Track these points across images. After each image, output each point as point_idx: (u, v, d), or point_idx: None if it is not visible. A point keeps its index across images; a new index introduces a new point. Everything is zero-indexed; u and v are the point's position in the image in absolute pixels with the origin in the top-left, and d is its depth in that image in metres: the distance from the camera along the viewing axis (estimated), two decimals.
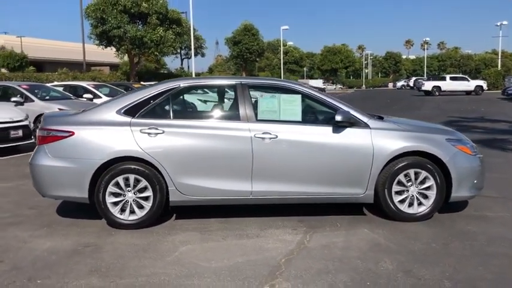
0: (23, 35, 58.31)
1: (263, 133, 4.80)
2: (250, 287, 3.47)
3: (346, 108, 4.97)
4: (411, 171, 4.90)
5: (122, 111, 4.85)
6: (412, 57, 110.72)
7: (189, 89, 5.24)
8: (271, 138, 4.80)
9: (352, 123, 4.91)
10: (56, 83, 18.41)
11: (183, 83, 5.08)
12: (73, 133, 4.76)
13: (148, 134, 4.74)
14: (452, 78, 41.08)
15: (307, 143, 4.84)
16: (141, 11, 27.54)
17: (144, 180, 4.75)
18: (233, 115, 4.97)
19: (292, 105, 5.00)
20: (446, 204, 5.14)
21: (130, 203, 4.79)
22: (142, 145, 4.72)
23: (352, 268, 3.78)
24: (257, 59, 52.84)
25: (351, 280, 3.56)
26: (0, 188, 6.62)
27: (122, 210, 4.79)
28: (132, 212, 4.80)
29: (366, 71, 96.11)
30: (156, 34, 28.12)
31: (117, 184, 4.74)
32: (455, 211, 5.33)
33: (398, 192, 4.94)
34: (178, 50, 44.91)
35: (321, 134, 4.87)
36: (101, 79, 27.95)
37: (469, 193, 5.07)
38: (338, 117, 4.78)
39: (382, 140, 4.89)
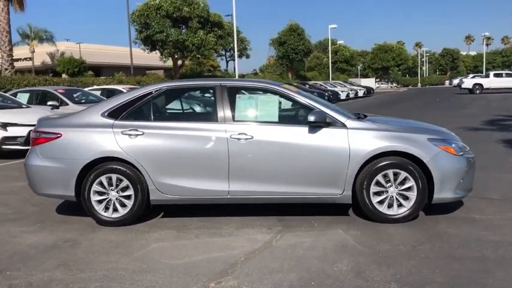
0: (81, 42, 61.05)
1: (239, 134, 4.88)
2: (197, 283, 3.57)
3: (322, 109, 4.95)
4: (390, 172, 4.81)
5: (106, 113, 5.09)
6: (473, 53, 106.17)
7: (171, 92, 5.41)
8: (246, 139, 4.87)
9: (329, 123, 4.88)
10: (95, 87, 19.27)
11: (165, 86, 5.26)
12: (61, 135, 5.05)
13: (129, 135, 4.95)
14: (496, 75, 38.88)
15: (283, 143, 4.87)
16: (182, 15, 28.28)
17: (125, 179, 4.96)
18: (211, 116, 5.09)
19: (270, 106, 5.05)
20: (432, 206, 5.02)
21: (114, 202, 5.01)
22: (123, 146, 4.93)
23: (306, 268, 3.79)
24: (303, 59, 52.59)
25: (297, 280, 3.57)
26: (15, 187, 7.08)
27: (106, 208, 5.03)
28: (115, 210, 5.02)
29: (423, 68, 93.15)
30: (197, 37, 28.76)
31: (100, 183, 4.98)
32: (443, 213, 5.16)
33: (377, 193, 4.86)
34: (223, 52, 45.64)
35: (297, 134, 4.88)
36: (145, 83, 28.88)
37: (454, 195, 4.90)
38: (310, 118, 4.78)
39: (359, 140, 4.83)
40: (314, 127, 4.87)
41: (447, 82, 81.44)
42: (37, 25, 54.70)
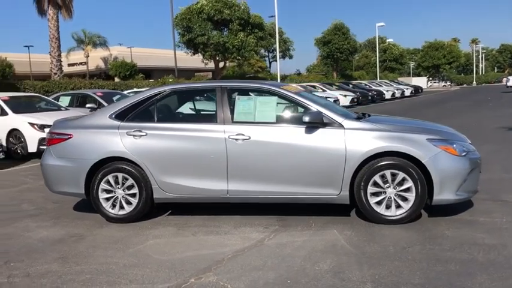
0: (132, 46, 62.97)
1: (237, 134, 4.99)
2: (178, 278, 3.70)
3: (319, 109, 4.97)
4: (387, 173, 4.77)
5: (113, 115, 5.34)
6: None
7: (174, 94, 5.59)
8: (244, 139, 4.97)
9: (326, 123, 4.90)
10: (135, 89, 19.97)
11: (169, 88, 5.46)
12: (72, 136, 5.36)
13: (134, 136, 5.18)
14: None
15: (280, 143, 4.93)
16: (223, 18, 28.73)
17: (130, 178, 5.19)
18: (211, 118, 5.23)
19: (268, 106, 5.12)
20: (438, 208, 4.94)
21: (120, 199, 5.25)
22: (128, 146, 5.16)
23: (287, 266, 3.84)
24: (349, 58, 51.91)
25: (275, 277, 3.63)
26: (40, 186, 7.49)
27: (113, 205, 5.28)
28: (121, 207, 5.26)
29: (480, 65, 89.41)
30: (237, 39, 29.11)
31: (108, 182, 5.24)
32: (448, 215, 5.05)
33: (375, 194, 4.83)
34: (266, 53, 45.82)
35: (294, 134, 4.93)
36: None
37: (455, 196, 4.78)
38: (305, 118, 4.81)
39: (356, 140, 4.82)
40: (311, 127, 4.90)
41: (504, 80, 77.79)
42: (91, 30, 56.96)
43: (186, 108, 5.75)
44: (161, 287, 3.56)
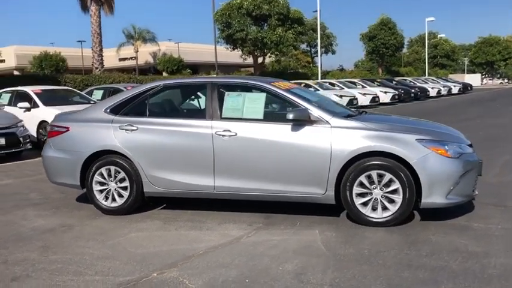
0: (179, 41, 63.96)
1: (224, 130, 4.97)
2: (142, 271, 3.74)
3: (307, 106, 4.86)
4: (374, 173, 4.61)
5: (108, 109, 5.46)
6: None
7: (167, 89, 5.63)
8: (230, 135, 4.95)
9: (313, 121, 4.79)
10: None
11: (162, 83, 5.51)
12: (68, 129, 5.52)
13: (125, 130, 5.27)
14: None
15: (266, 141, 4.88)
16: (262, 13, 28.68)
17: (122, 172, 5.29)
18: (201, 113, 5.24)
19: (256, 103, 5.06)
20: (436, 211, 4.75)
21: (112, 192, 5.37)
22: (120, 140, 5.26)
23: (252, 265, 3.80)
24: (395, 54, 50.52)
25: (235, 276, 3.60)
26: None
27: (106, 197, 5.40)
28: (114, 199, 5.38)
29: None
30: (276, 34, 28.98)
31: (101, 174, 5.36)
32: (442, 219, 4.82)
33: (361, 195, 4.68)
34: (308, 48, 45.35)
35: (280, 132, 4.85)
36: None
37: (446, 200, 4.56)
38: (289, 115, 4.73)
39: (342, 139, 4.69)
40: (297, 125, 4.81)
41: None
42: (140, 26, 58.33)
43: (178, 104, 5.79)
44: (122, 279, 3.61)
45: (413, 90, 30.79)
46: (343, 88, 24.88)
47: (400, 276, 3.49)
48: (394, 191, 4.58)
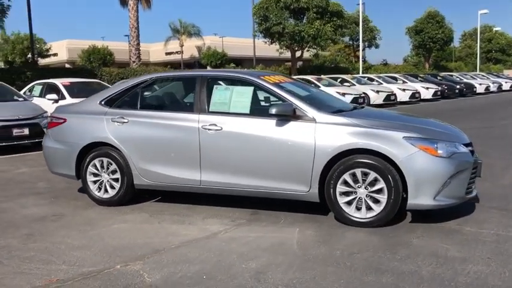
0: (224, 35, 64.31)
1: (210, 125, 4.92)
2: (109, 262, 3.76)
3: (293, 101, 4.73)
4: (358, 171, 4.43)
5: (103, 102, 5.53)
6: None
7: (158, 82, 5.64)
8: (216, 130, 4.89)
9: (298, 116, 4.66)
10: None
11: (154, 76, 5.53)
12: (65, 120, 5.64)
13: (117, 122, 5.32)
14: None
15: (250, 135, 4.79)
16: (300, 6, 28.33)
17: (114, 163, 5.36)
18: (189, 107, 5.21)
19: (243, 97, 4.98)
20: (430, 212, 4.52)
21: (105, 183, 5.45)
22: (112, 133, 5.32)
23: (217, 261, 3.74)
24: (443, 48, 48.62)
25: (194, 272, 3.55)
26: None
27: (99, 188, 5.49)
28: (106, 191, 5.46)
29: None
30: (313, 28, 28.54)
31: (95, 165, 5.45)
32: (434, 221, 4.58)
33: (345, 193, 4.51)
34: (351, 42, 44.40)
35: (265, 127, 4.75)
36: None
37: (433, 202, 4.32)
38: (271, 110, 4.61)
39: (326, 135, 4.53)
40: (282, 120, 4.69)
41: None
42: (186, 20, 59.23)
43: (168, 97, 5.78)
44: (85, 270, 3.64)
45: (458, 86, 29.54)
46: (381, 83, 24.22)
47: (361, 280, 3.33)
48: (379, 191, 4.39)
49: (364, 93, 20.84)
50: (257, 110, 4.97)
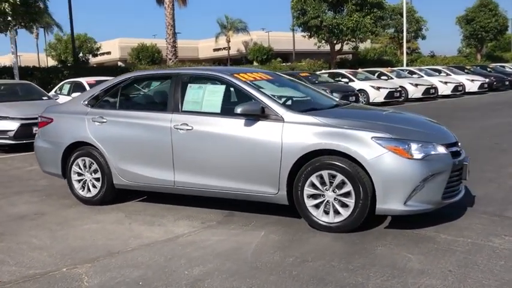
0: (270, 30, 64.04)
1: (181, 124, 4.83)
2: (58, 264, 3.76)
3: (262, 100, 4.54)
4: (325, 173, 4.19)
5: (86, 102, 5.56)
6: None
7: (137, 81, 5.59)
8: (187, 129, 4.79)
9: (266, 115, 4.47)
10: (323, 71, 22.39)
11: (133, 76, 5.49)
12: (52, 120, 5.72)
13: (97, 122, 5.34)
14: None
15: (219, 135, 4.65)
16: None
17: (95, 163, 5.38)
18: (163, 106, 5.13)
19: (215, 96, 4.84)
20: (419, 217, 4.26)
21: (88, 182, 5.49)
22: (92, 132, 5.34)
23: (163, 267, 3.63)
24: (497, 38, 46.01)
25: (135, 277, 3.47)
26: None
27: (83, 187, 5.54)
28: (89, 190, 5.49)
29: None
30: (351, 20, 27.74)
31: (78, 165, 5.50)
32: (410, 227, 4.26)
33: (313, 196, 4.29)
34: (395, 34, 42.78)
35: (234, 126, 4.60)
36: (307, 68, 29.41)
37: (403, 207, 4.01)
38: (237, 110, 4.44)
39: (293, 135, 4.32)
40: (250, 120, 4.52)
41: None
42: (232, 16, 59.48)
43: (145, 96, 5.73)
44: (31, 272, 3.64)
45: (509, 78, 27.87)
46: (422, 76, 23.25)
47: (289, 285, 3.13)
48: (347, 194, 4.13)
49: (401, 86, 20.09)
50: (229, 109, 4.81)
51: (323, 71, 22.93)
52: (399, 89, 19.55)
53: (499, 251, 3.69)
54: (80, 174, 5.51)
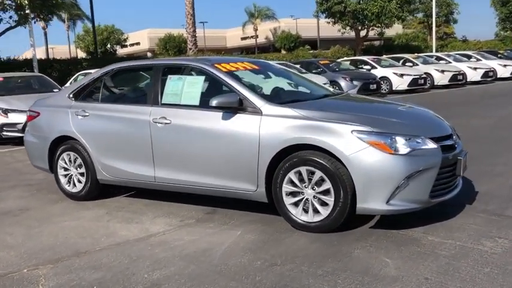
0: (298, 17, 63.14)
1: (160, 118, 4.63)
2: (19, 265, 3.63)
3: (240, 91, 4.28)
4: (303, 170, 3.92)
5: (71, 95, 5.43)
6: None
7: (119, 73, 5.40)
8: (165, 123, 4.59)
9: (245, 108, 4.22)
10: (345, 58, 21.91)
11: (116, 67, 5.31)
12: (39, 114, 5.63)
13: (80, 116, 5.20)
14: None
15: (198, 129, 4.44)
16: None
17: (79, 158, 5.26)
18: (144, 99, 4.94)
19: (194, 88, 4.61)
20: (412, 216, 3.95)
21: (73, 177, 5.38)
22: (75, 126, 5.22)
23: (124, 269, 3.46)
24: None
25: (93, 280, 3.31)
26: None
27: (69, 182, 5.43)
28: (75, 185, 5.39)
29: None
30: (376, 5, 26.85)
31: (63, 159, 5.40)
32: (398, 227, 3.96)
33: (292, 194, 4.03)
34: (425, 19, 41.29)
35: (211, 120, 4.37)
36: (331, 56, 28.81)
37: (386, 206, 3.70)
38: (212, 102, 4.20)
39: (271, 129, 4.06)
40: (228, 112, 4.28)
41: None
42: (260, 4, 58.96)
43: (127, 89, 5.55)
44: None
45: None
46: (449, 62, 22.35)
47: None
48: (326, 192, 3.85)
49: (426, 73, 19.36)
50: (207, 101, 4.56)
51: (345, 58, 22.35)
52: (424, 75, 18.83)
53: (488, 255, 3.34)
54: (66, 169, 5.41)
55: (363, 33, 30.51)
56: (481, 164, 5.82)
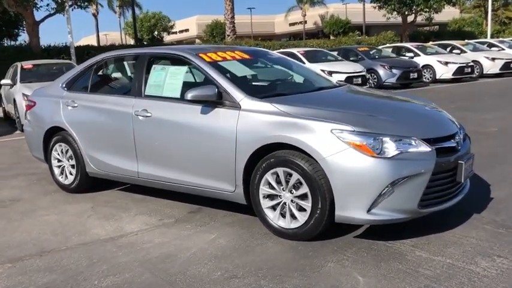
0: (348, 2, 61.42)
1: (142, 110, 4.39)
2: None
3: (221, 83, 3.95)
4: (280, 171, 3.56)
5: (64, 85, 5.30)
6: None
7: (108, 63, 5.19)
8: (146, 116, 4.35)
9: (224, 102, 3.89)
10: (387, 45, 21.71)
11: (106, 57, 5.11)
12: (35, 103, 5.54)
13: (69, 107, 5.06)
14: None
15: (176, 124, 4.16)
16: None
17: (70, 149, 5.13)
18: (129, 90, 4.70)
19: (176, 79, 4.32)
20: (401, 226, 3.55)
21: (65, 169, 5.26)
22: (65, 117, 5.08)
23: (78, 273, 3.26)
24: None
25: (43, 283, 3.13)
26: None
27: (62, 174, 5.33)
28: (67, 176, 5.28)
29: None
30: None
31: (56, 150, 5.29)
32: (385, 238, 3.54)
33: (270, 197, 3.68)
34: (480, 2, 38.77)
35: (190, 114, 4.07)
36: (375, 42, 27.75)
37: (367, 216, 3.29)
38: (187, 95, 3.89)
39: (248, 126, 3.72)
40: (207, 106, 3.97)
41: None
42: None
43: (115, 79, 5.32)
44: None
45: None
46: (503, 49, 20.86)
47: None
48: (304, 196, 3.48)
49: (474, 61, 18.15)
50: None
51: (387, 45, 21.35)
52: (471, 63, 17.66)
53: (478, 279, 2.88)
54: (59, 160, 5.30)
55: (410, 18, 29.03)
56: (505, 166, 5.22)
